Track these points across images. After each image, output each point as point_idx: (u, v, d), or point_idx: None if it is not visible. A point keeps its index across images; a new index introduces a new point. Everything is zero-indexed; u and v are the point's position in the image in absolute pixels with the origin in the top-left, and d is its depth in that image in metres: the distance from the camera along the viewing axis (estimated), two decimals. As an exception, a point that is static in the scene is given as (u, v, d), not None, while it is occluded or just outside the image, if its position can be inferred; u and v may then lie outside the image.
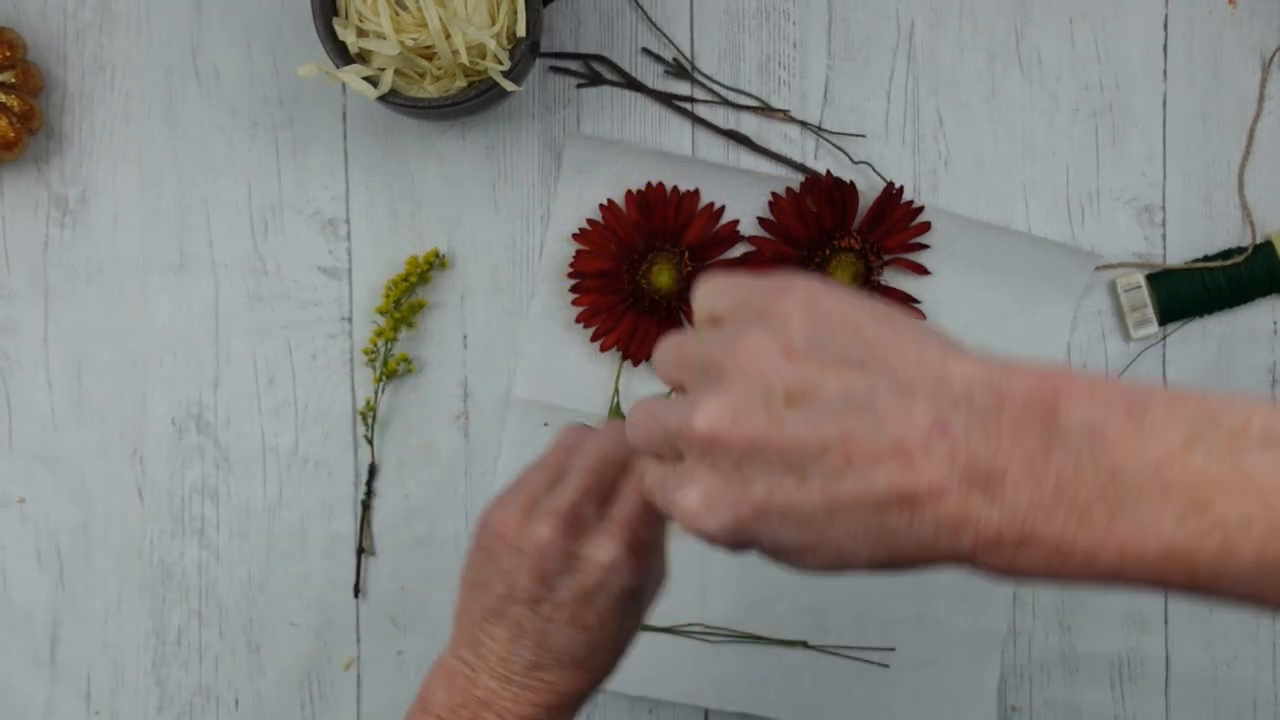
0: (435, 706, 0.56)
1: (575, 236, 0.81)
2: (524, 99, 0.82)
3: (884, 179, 0.81)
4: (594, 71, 0.82)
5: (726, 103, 0.82)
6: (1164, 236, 0.83)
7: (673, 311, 0.80)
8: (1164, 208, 0.82)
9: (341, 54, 0.72)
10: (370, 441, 0.82)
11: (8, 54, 0.76)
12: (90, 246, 0.81)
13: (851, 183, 0.79)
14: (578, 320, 0.80)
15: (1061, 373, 0.36)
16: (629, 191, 0.80)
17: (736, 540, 0.39)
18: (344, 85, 0.80)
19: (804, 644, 0.82)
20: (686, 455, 0.40)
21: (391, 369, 0.81)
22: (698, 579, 0.82)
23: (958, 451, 0.35)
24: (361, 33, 0.72)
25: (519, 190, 0.82)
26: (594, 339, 0.81)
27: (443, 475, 0.82)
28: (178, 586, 0.82)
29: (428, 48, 0.72)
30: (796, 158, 0.81)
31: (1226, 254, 0.82)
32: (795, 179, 0.81)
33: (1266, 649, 0.84)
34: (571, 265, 0.81)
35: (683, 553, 0.83)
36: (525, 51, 0.72)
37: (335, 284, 0.82)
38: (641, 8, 0.82)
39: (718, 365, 0.39)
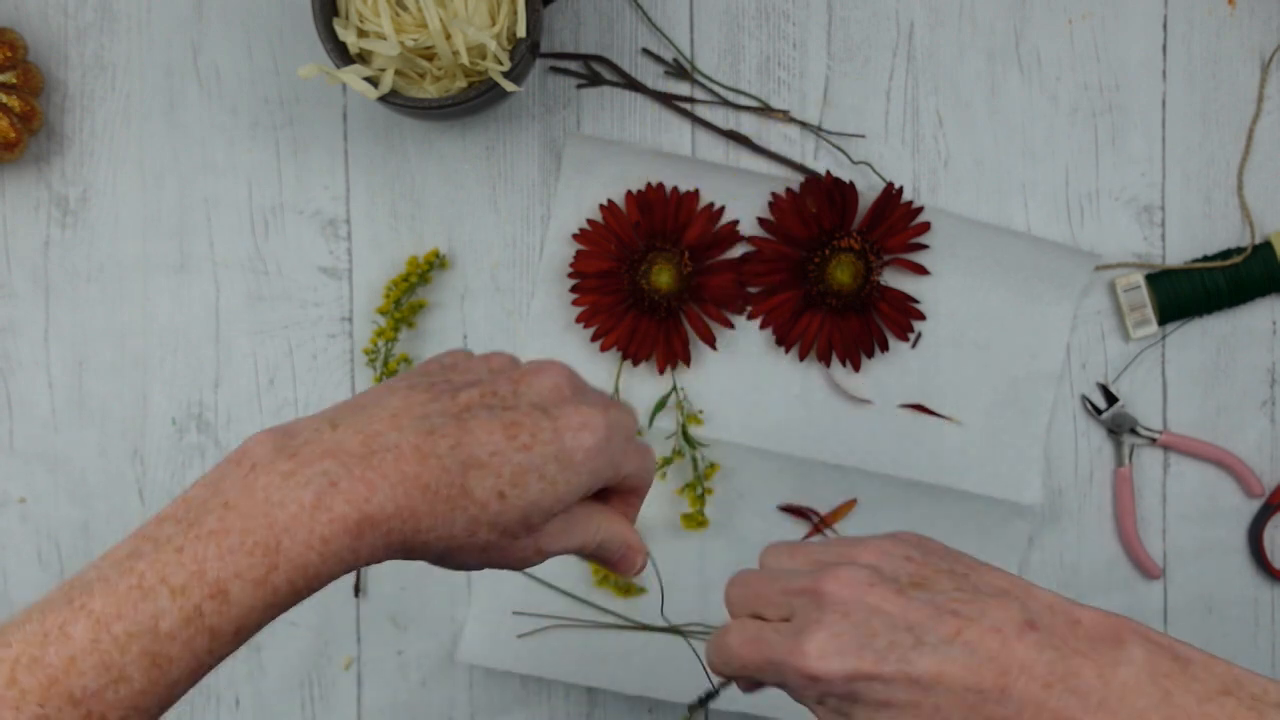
0: None
1: (575, 236, 0.81)
2: (524, 99, 0.82)
3: (884, 179, 0.81)
4: (594, 72, 0.82)
5: (726, 103, 0.82)
6: (1163, 236, 0.83)
7: (673, 311, 0.80)
8: (1163, 208, 0.82)
9: (342, 54, 0.73)
10: (370, 441, 0.82)
11: (8, 54, 0.76)
12: (91, 246, 0.81)
13: (851, 183, 0.79)
14: (578, 320, 0.80)
15: (1122, 618, 0.45)
16: (629, 191, 0.80)
17: (847, 690, 0.46)
18: (344, 85, 0.81)
19: (804, 644, 0.82)
20: (810, 610, 0.47)
21: (392, 369, 0.81)
22: (698, 579, 0.82)
23: (1044, 645, 0.44)
24: (362, 33, 0.72)
25: (519, 190, 0.82)
26: (594, 339, 0.81)
27: (443, 475, 0.82)
28: (178, 586, 0.82)
29: (428, 48, 0.72)
30: (796, 158, 0.81)
31: (1225, 254, 0.82)
32: (795, 179, 0.81)
33: (1266, 649, 0.84)
34: (571, 265, 0.81)
35: (682, 553, 0.83)
36: (525, 52, 0.72)
37: (335, 284, 0.82)
38: (641, 8, 0.82)
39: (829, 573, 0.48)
